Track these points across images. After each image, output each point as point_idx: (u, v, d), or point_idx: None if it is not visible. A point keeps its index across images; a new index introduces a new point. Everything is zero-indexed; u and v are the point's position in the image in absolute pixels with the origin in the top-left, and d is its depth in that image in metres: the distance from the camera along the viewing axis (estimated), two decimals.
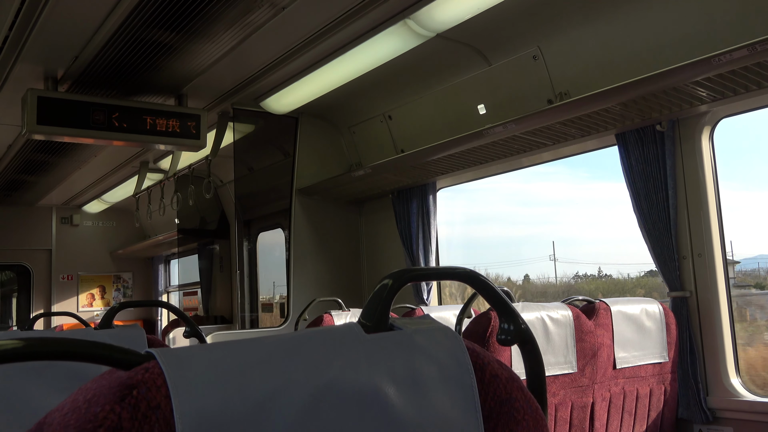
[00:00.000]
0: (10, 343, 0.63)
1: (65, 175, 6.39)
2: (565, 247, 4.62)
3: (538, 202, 4.52)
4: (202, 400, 0.63)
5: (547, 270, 5.42)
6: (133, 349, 0.68)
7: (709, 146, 3.05)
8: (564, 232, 4.48)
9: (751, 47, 2.33)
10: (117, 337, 1.65)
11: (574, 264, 5.40)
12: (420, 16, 3.16)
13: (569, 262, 5.14)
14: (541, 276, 4.59)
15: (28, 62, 3.61)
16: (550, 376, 2.42)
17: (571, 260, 4.93)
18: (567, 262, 4.98)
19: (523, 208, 5.50)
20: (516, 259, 6.86)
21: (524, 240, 4.67)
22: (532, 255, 4.62)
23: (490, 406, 0.79)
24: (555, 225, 4.51)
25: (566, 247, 4.54)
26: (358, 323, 0.79)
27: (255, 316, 5.74)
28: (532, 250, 4.67)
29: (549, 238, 4.74)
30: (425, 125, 4.30)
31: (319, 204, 4.97)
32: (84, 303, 8.44)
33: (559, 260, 4.41)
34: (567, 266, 4.94)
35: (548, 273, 4.85)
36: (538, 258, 4.45)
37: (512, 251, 5.05)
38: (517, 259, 5.60)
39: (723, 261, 3.02)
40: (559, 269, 5.44)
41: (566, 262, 4.86)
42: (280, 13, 3.11)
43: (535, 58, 3.47)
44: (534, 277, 4.62)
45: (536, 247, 5.23)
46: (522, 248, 4.81)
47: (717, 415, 2.92)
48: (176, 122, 4.05)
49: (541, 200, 4.42)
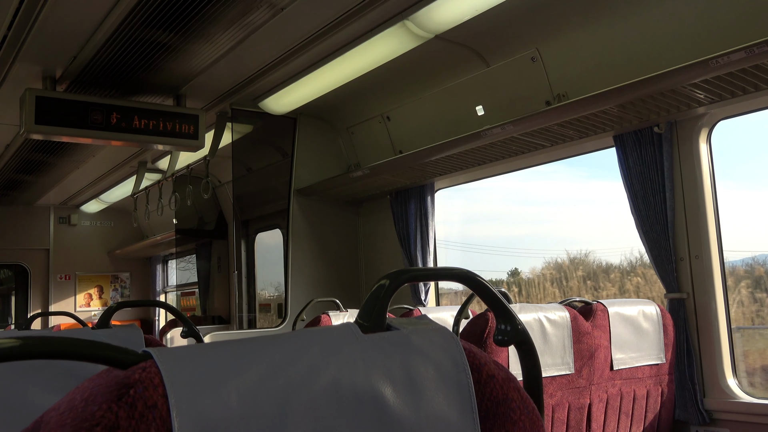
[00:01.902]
0: (8, 342, 0.63)
1: (63, 175, 6.39)
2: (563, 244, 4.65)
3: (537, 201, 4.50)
4: (200, 399, 0.63)
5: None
6: (130, 349, 0.68)
7: (706, 148, 3.06)
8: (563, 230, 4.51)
9: (748, 50, 2.33)
10: (114, 337, 1.65)
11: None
12: (418, 17, 3.16)
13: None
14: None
15: (26, 62, 3.60)
16: (547, 377, 2.42)
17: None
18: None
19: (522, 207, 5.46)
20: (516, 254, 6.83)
21: (521, 238, 4.68)
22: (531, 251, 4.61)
23: (487, 407, 0.80)
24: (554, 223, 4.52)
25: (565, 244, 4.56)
26: (356, 323, 0.79)
27: (253, 317, 5.74)
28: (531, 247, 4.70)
29: (548, 236, 4.75)
30: (423, 126, 4.30)
31: (317, 204, 4.97)
32: (81, 303, 8.43)
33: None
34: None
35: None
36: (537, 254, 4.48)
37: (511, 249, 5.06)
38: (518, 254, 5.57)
39: (720, 263, 3.02)
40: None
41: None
42: (278, 14, 3.11)
43: (533, 59, 3.48)
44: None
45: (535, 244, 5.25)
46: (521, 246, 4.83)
47: (714, 417, 2.93)
48: (174, 122, 4.04)
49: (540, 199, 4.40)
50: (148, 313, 8.87)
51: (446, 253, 4.83)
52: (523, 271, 4.97)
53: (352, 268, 5.12)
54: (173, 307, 2.50)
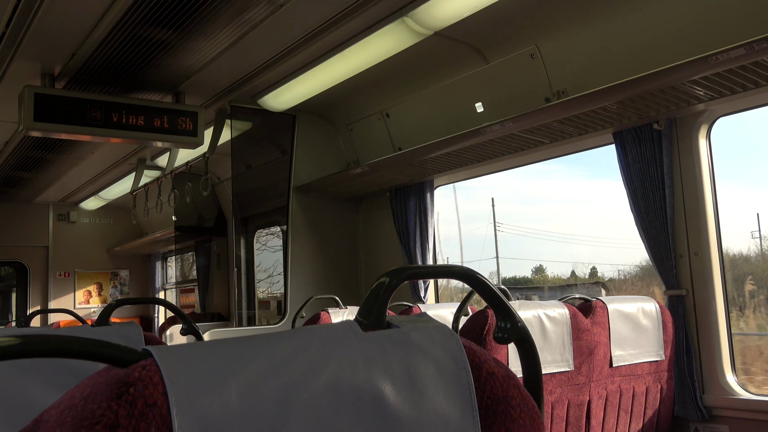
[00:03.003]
0: (7, 340, 0.63)
1: (62, 172, 6.38)
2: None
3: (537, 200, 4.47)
4: (200, 397, 0.63)
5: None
6: (130, 347, 0.68)
7: (706, 145, 3.05)
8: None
9: (748, 46, 2.33)
10: (114, 335, 1.65)
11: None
12: (418, 14, 3.16)
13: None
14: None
15: (25, 59, 3.60)
16: (547, 374, 2.42)
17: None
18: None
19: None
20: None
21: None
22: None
23: (487, 404, 0.80)
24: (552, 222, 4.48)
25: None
26: (356, 321, 0.79)
27: (252, 314, 5.74)
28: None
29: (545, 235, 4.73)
30: (423, 123, 4.30)
31: (316, 201, 4.97)
32: (81, 300, 8.43)
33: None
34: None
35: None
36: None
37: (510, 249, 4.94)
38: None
39: (720, 260, 3.02)
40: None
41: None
42: (277, 11, 3.10)
43: (532, 56, 3.47)
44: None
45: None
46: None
47: (713, 413, 2.93)
48: (174, 119, 4.04)
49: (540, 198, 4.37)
50: (147, 310, 8.87)
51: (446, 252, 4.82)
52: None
53: (352, 265, 5.12)
54: (173, 305, 2.50)
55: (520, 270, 18.29)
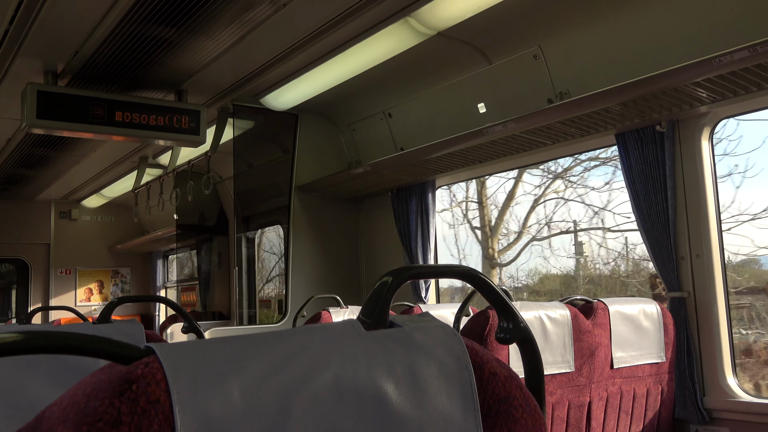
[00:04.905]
0: (9, 337, 0.63)
1: (64, 170, 6.38)
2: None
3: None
4: (202, 395, 0.63)
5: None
6: (132, 344, 0.68)
7: (708, 147, 3.05)
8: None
9: (751, 48, 2.33)
10: (115, 332, 1.65)
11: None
12: (421, 14, 3.15)
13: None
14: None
15: (28, 57, 3.60)
16: (548, 375, 2.42)
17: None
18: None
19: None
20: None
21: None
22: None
23: (489, 404, 0.79)
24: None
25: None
26: (358, 320, 0.79)
27: (253, 313, 5.74)
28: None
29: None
30: (425, 123, 4.29)
31: (318, 201, 4.97)
32: (82, 297, 8.43)
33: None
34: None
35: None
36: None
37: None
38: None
39: (721, 262, 3.02)
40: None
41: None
42: (280, 10, 3.10)
43: (535, 57, 3.47)
44: None
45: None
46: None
47: (713, 416, 2.93)
48: (176, 118, 4.04)
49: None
50: (148, 308, 8.87)
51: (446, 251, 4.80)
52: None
53: (353, 265, 5.12)
54: (174, 303, 2.50)
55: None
